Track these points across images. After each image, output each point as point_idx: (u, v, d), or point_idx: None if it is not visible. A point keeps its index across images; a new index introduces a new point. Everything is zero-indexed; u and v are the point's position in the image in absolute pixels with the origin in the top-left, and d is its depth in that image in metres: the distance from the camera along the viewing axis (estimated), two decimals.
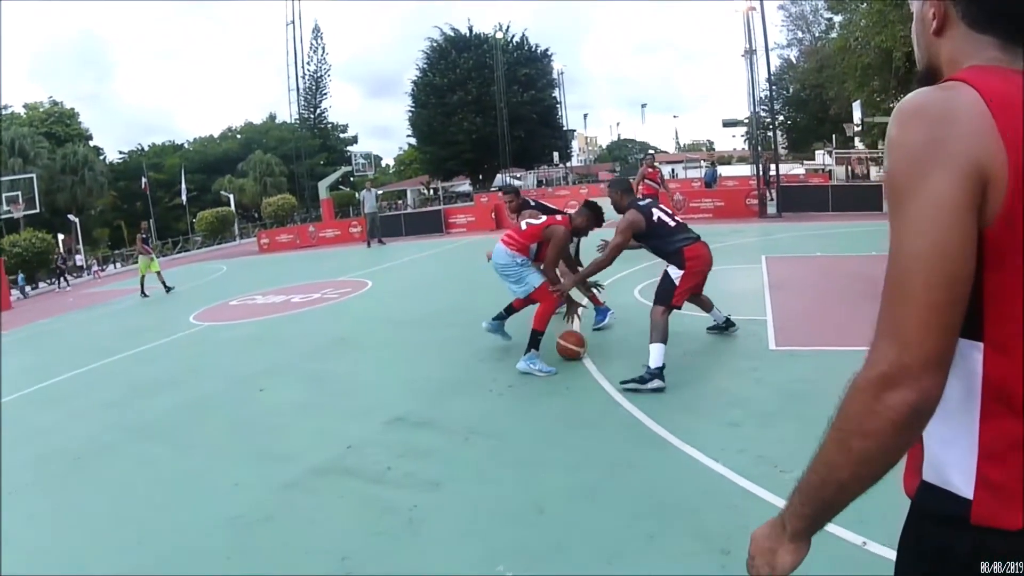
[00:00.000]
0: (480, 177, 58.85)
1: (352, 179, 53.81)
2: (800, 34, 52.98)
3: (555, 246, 6.33)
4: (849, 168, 33.53)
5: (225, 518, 4.03)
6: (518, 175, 57.07)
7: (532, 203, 8.13)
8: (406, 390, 6.21)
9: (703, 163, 55.69)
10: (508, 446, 4.75)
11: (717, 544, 3.23)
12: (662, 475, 4.07)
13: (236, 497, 4.31)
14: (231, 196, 52.84)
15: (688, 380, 5.69)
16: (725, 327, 6.91)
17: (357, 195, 43.29)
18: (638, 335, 7.19)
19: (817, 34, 50.06)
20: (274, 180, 59.15)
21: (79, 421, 6.46)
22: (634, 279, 10.34)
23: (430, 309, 10.05)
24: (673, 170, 55.27)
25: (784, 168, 31.38)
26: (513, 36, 58.25)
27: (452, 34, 57.58)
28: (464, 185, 61.05)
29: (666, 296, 5.68)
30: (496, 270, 6.57)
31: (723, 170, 44.29)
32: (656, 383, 5.33)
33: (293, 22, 40.59)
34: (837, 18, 40.29)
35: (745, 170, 46.06)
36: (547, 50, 59.76)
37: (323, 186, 35.87)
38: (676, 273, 5.71)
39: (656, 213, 5.94)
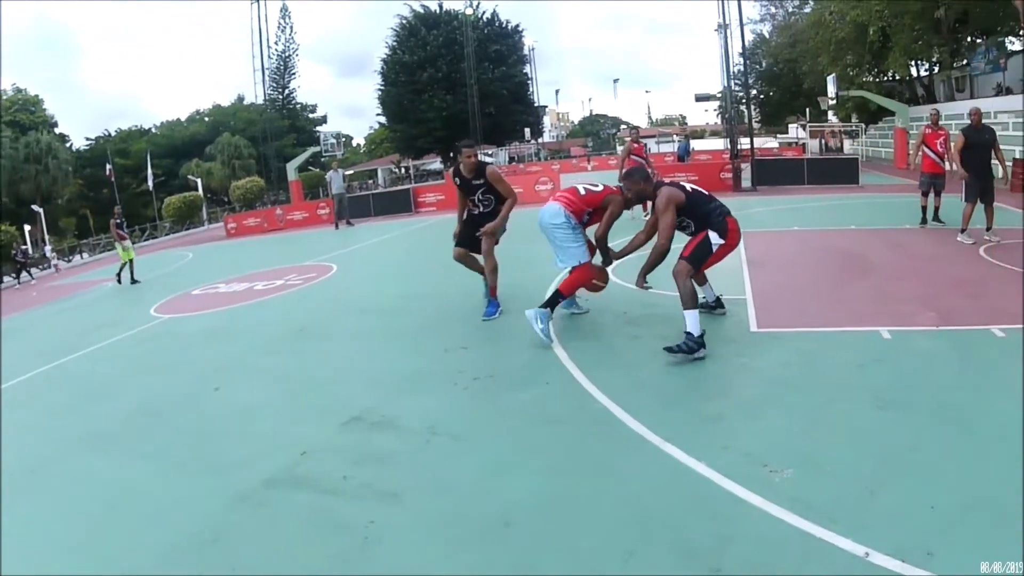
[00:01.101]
0: (451, 155, 58.05)
1: (322, 160, 52.93)
2: (773, 9, 52.91)
3: (612, 216, 6.44)
4: (823, 141, 33.38)
5: (165, 543, 3.64)
6: (489, 152, 56.36)
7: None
8: (366, 385, 5.82)
9: (676, 137, 55.46)
10: (472, 448, 4.39)
11: (704, 561, 2.92)
12: (641, 480, 3.75)
13: (180, 516, 3.91)
14: (198, 180, 51.64)
15: (666, 368, 5.39)
16: (714, 307, 6.67)
17: (326, 176, 42.55)
18: (613, 319, 6.92)
19: (791, 9, 49.97)
20: (243, 163, 57.91)
21: (25, 432, 5.91)
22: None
23: (395, 294, 9.68)
24: (646, 145, 54.78)
25: (758, 142, 31.22)
26: (484, 12, 57.37)
27: (422, 11, 56.40)
28: (435, 163, 60.34)
29: (699, 258, 5.68)
30: (544, 229, 6.47)
31: (696, 144, 44.17)
32: (702, 352, 5.35)
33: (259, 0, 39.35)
34: None
35: (719, 144, 45.95)
36: (518, 26, 58.82)
37: (291, 167, 35.10)
38: (717, 240, 5.68)
39: (687, 185, 5.96)
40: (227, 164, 58.10)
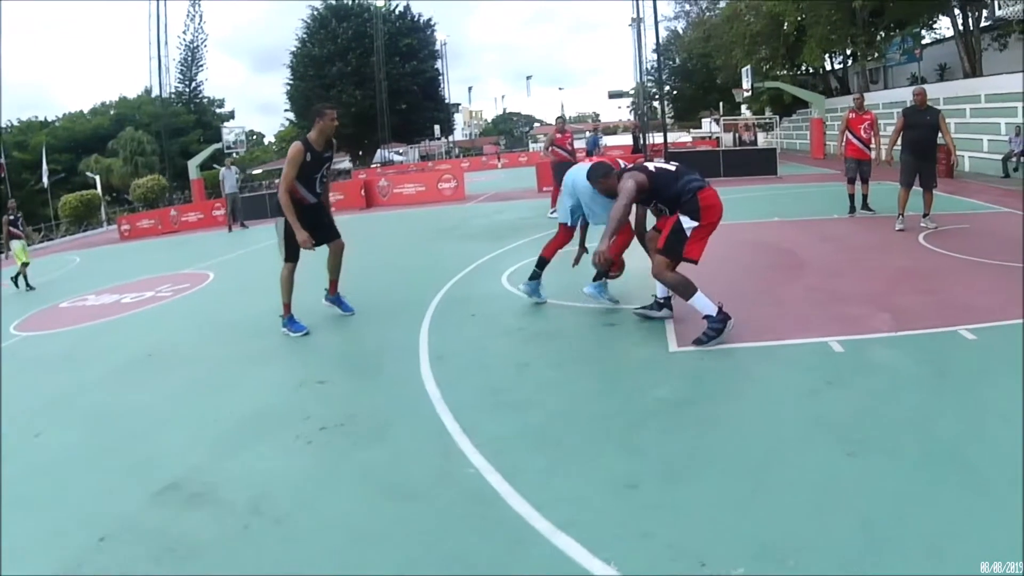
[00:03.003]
0: (360, 153, 56.08)
1: (226, 157, 50.13)
2: (688, 6, 53.09)
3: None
4: (737, 135, 33.06)
5: None
6: (400, 150, 54.84)
7: None
8: (194, 435, 4.34)
9: (588, 133, 55.22)
10: (294, 539, 3.01)
11: None
12: None
13: None
14: (97, 178, 48.13)
15: (565, 408, 4.14)
16: (659, 309, 5.69)
17: (219, 174, 40.19)
18: (502, 340, 5.67)
19: (705, 5, 50.12)
20: (146, 160, 53.98)
21: None
22: (503, 261, 8.82)
23: (266, 309, 8.10)
24: (572, 136, 54.31)
25: (671, 137, 30.82)
26: (396, 5, 55.71)
27: (334, 2, 54.33)
28: (344, 162, 58.21)
29: (675, 249, 5.05)
30: (580, 191, 6.01)
31: (608, 140, 43.90)
32: (731, 323, 4.92)
33: None
34: None
35: (630, 139, 45.66)
36: (430, 20, 57.46)
37: (193, 165, 32.98)
38: (689, 224, 5.03)
39: (651, 164, 5.42)
40: (129, 161, 54.31)
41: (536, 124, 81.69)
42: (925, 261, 7.31)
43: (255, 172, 68.90)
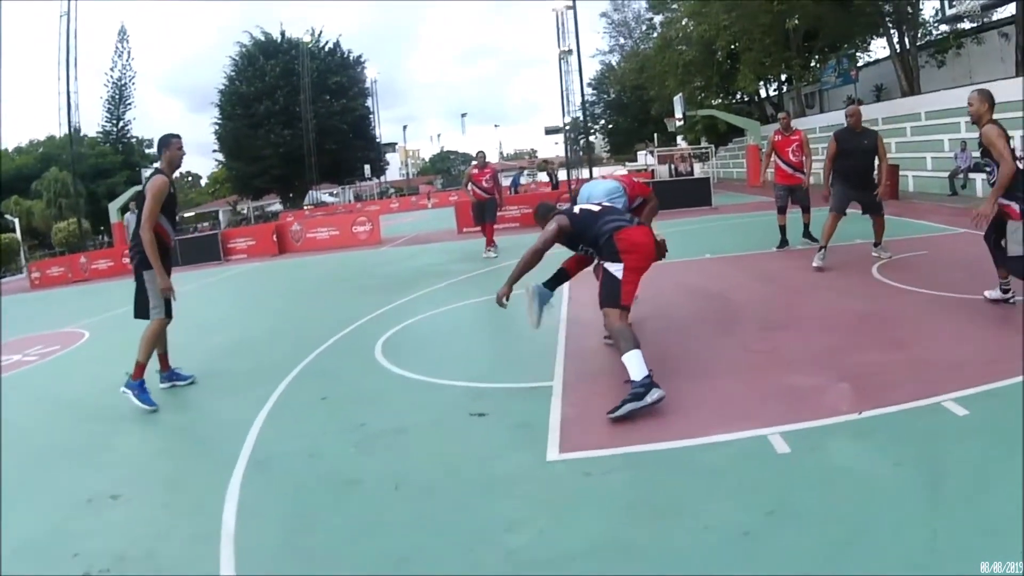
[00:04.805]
0: (291, 195, 54.03)
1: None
2: (623, 40, 53.13)
3: (655, 209, 5.78)
4: (672, 166, 32.26)
5: None
6: (333, 191, 53.10)
7: None
8: None
9: (523, 170, 54.85)
10: None
11: None
12: None
13: None
14: (16, 221, 45.29)
15: (383, 565, 2.69)
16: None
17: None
18: (343, 432, 4.26)
19: (637, 36, 50.13)
20: (70, 201, 51.44)
21: None
22: (389, 320, 7.37)
23: (119, 381, 6.58)
24: (496, 172, 53.72)
25: (606, 171, 29.99)
26: (326, 42, 54.15)
27: (263, 38, 52.46)
28: (275, 204, 56.19)
29: (613, 296, 4.44)
30: (601, 193, 5.46)
31: (540, 175, 43.52)
32: (656, 393, 3.93)
33: (68, 14, 34.12)
34: (658, 18, 39.85)
35: (565, 175, 45.25)
36: (360, 57, 55.99)
37: (114, 208, 31.14)
38: (616, 268, 4.47)
39: (578, 206, 5.04)
40: (53, 203, 51.44)
41: (480, 151, 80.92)
42: (885, 301, 6.02)
43: (186, 215, 66.49)
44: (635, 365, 4.03)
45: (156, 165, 5.63)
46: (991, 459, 2.99)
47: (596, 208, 4.87)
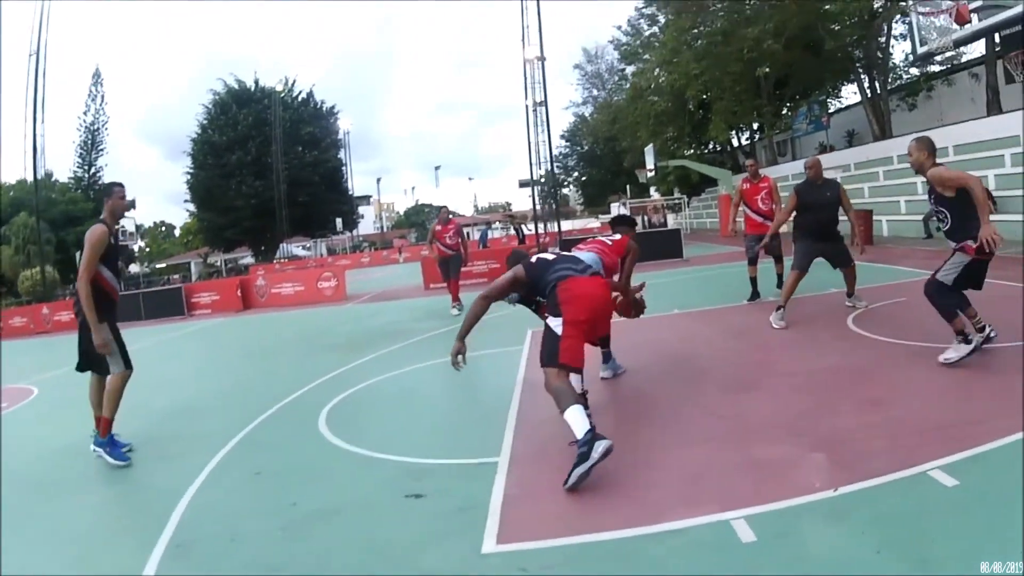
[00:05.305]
0: (262, 248, 53.26)
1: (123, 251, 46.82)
2: (596, 91, 53.64)
3: (632, 261, 5.70)
4: (646, 217, 32.18)
5: None
6: (307, 244, 52.49)
7: None
8: None
9: (491, 225, 54.82)
10: None
11: None
12: None
13: None
14: None
15: None
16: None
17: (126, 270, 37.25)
18: (271, 515, 3.96)
19: (610, 87, 50.69)
20: (38, 249, 50.36)
21: None
22: (338, 386, 6.97)
23: (57, 446, 6.13)
24: (469, 232, 53.79)
25: (579, 223, 29.96)
26: (299, 92, 53.98)
27: (236, 87, 52.14)
28: (247, 256, 55.35)
29: (551, 355, 4.15)
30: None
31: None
32: (600, 446, 3.59)
33: (37, 54, 33.49)
34: (630, 68, 40.25)
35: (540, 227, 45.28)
36: (333, 107, 55.72)
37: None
38: (556, 322, 4.24)
39: (536, 257, 4.77)
40: (21, 249, 50.17)
41: (443, 206, 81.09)
42: (860, 355, 5.63)
43: (158, 266, 65.48)
44: (576, 422, 3.78)
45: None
46: (986, 538, 2.61)
47: (551, 257, 4.64)
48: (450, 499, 3.74)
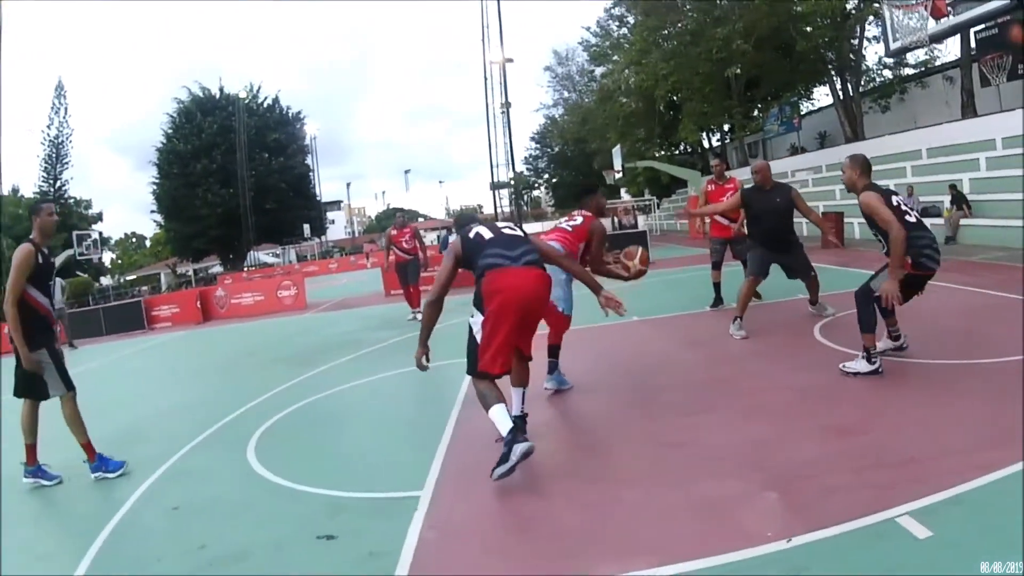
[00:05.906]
0: (231, 256, 52.23)
1: (91, 263, 45.76)
2: (567, 93, 53.40)
3: (601, 242, 5.48)
4: (615, 219, 31.87)
5: None
6: (276, 251, 51.51)
7: None
8: None
9: (451, 230, 54.32)
10: None
11: None
12: None
13: None
14: None
15: None
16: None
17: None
18: (178, 557, 3.65)
19: (580, 88, 50.43)
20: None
21: None
22: (275, 405, 6.53)
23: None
24: (438, 236, 53.30)
25: (548, 225, 29.52)
26: (264, 98, 53.00)
27: (201, 94, 51.10)
28: (216, 266, 54.28)
29: (470, 363, 3.94)
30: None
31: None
32: (519, 449, 3.55)
33: None
34: (599, 70, 39.93)
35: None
36: (299, 113, 54.64)
37: None
38: (476, 321, 3.92)
39: (476, 228, 4.25)
40: None
41: (420, 219, 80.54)
42: (825, 371, 5.15)
43: (128, 278, 64.19)
44: (500, 420, 3.74)
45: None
46: None
47: (488, 236, 4.12)
48: (361, 542, 3.35)
